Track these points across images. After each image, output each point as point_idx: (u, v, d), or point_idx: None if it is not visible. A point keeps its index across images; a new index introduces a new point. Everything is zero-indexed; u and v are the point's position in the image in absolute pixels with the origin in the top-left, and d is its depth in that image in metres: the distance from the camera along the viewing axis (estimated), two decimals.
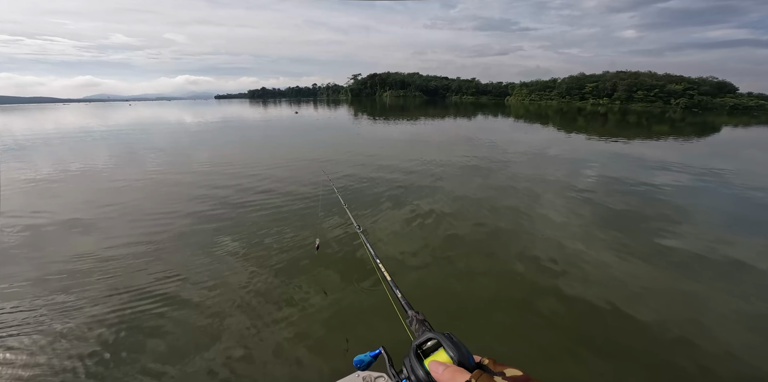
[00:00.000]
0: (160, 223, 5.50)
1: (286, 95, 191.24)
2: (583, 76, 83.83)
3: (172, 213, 5.95)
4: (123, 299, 3.48)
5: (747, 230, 5.47)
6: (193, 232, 5.14)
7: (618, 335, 3.05)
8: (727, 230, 5.45)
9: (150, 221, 5.63)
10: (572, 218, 5.85)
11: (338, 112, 41.78)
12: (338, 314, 3.26)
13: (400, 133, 18.94)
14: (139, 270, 4.03)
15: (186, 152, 12.67)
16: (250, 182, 7.92)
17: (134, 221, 5.65)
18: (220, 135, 18.56)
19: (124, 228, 5.31)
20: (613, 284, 3.84)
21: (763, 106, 62.41)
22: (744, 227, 5.57)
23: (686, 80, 69.39)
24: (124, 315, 3.24)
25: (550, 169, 9.50)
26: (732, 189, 7.90)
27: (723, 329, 3.14)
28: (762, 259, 4.43)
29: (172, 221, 5.59)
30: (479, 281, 3.87)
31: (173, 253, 4.47)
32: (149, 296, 3.52)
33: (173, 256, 4.39)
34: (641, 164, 10.48)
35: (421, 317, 0.71)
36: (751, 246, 4.84)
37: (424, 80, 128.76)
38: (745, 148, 15.77)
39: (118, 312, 3.28)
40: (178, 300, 3.46)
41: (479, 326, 3.17)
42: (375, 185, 7.68)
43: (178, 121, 29.95)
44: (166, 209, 6.20)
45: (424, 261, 4.26)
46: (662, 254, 4.54)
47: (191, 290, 3.63)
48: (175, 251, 4.51)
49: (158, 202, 6.66)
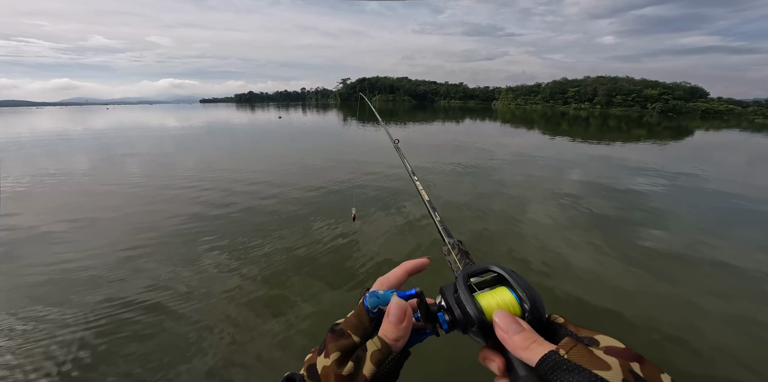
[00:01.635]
0: (140, 229, 5.27)
1: (275, 100, 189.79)
2: (566, 81, 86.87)
3: (150, 222, 5.72)
4: (103, 309, 3.28)
5: (723, 230, 5.69)
6: (177, 237, 4.94)
7: (603, 330, 3.08)
8: (705, 231, 5.65)
9: (129, 227, 5.39)
10: (558, 220, 5.94)
11: (327, 116, 41.70)
12: (325, 321, 3.17)
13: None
14: (118, 280, 3.83)
15: (163, 160, 12.30)
16: (238, 188, 7.73)
17: (106, 230, 5.39)
18: (201, 141, 18.17)
19: (97, 238, 5.06)
20: (599, 285, 3.89)
21: (733, 110, 66.08)
22: (720, 228, 5.79)
23: (661, 85, 72.87)
24: (105, 326, 3.06)
25: (537, 173, 9.69)
26: (707, 192, 8.25)
27: (707, 328, 3.22)
28: (739, 258, 4.61)
29: (153, 228, 5.37)
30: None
31: (154, 262, 4.28)
32: (131, 306, 3.34)
33: (154, 265, 4.20)
34: (623, 167, 10.83)
35: (464, 247, 0.55)
36: (729, 246, 5.03)
37: (412, 85, 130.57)
38: (717, 151, 16.59)
39: (99, 322, 3.09)
40: (160, 310, 3.30)
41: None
42: (368, 190, 7.64)
43: (155, 125, 29.18)
44: (142, 218, 5.95)
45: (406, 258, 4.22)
46: (645, 256, 4.65)
47: (175, 300, 3.47)
48: (157, 261, 4.32)
49: (137, 211, 6.40)
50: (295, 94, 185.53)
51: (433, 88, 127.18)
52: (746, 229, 5.83)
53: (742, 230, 5.79)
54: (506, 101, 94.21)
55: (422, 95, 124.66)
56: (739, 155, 15.07)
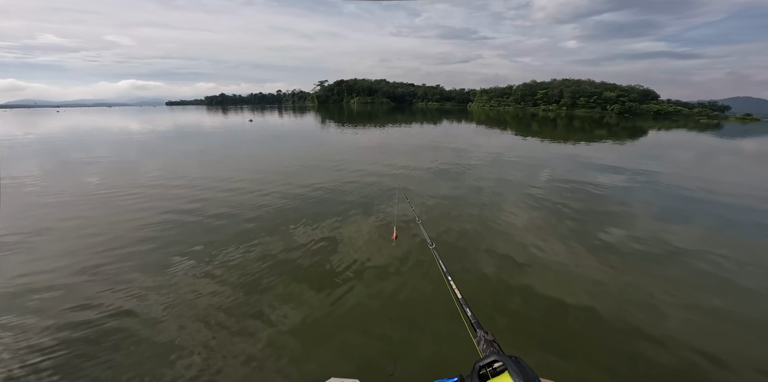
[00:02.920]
0: (107, 239, 4.94)
1: (249, 102, 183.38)
2: (535, 83, 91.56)
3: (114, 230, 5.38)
4: (77, 319, 3.05)
5: (680, 220, 6.34)
6: (146, 245, 4.69)
7: (576, 324, 3.34)
8: (664, 222, 6.25)
9: (93, 237, 5.03)
10: (532, 218, 6.30)
11: (304, 119, 41.03)
12: (312, 327, 3.18)
13: (368, 140, 19.09)
14: (85, 290, 3.58)
15: (127, 167, 11.56)
16: (218, 194, 7.44)
17: (63, 241, 5.01)
18: (165, 145, 17.22)
19: (55, 249, 4.68)
20: (570, 277, 4.20)
21: (681, 111, 72.79)
22: (678, 219, 6.44)
23: (619, 88, 78.83)
24: (73, 334, 2.85)
25: (511, 172, 10.18)
26: (662, 185, 9.08)
27: (669, 313, 3.57)
28: (696, 245, 5.17)
29: (118, 235, 5.05)
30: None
31: (125, 271, 4.04)
32: (104, 314, 3.14)
33: (127, 274, 3.96)
34: (588, 165, 11.65)
35: (490, 337, 0.69)
36: (686, 235, 5.62)
37: (391, 87, 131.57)
38: (668, 149, 18.25)
39: (72, 332, 2.88)
40: (137, 318, 3.13)
41: (453, 327, 3.26)
42: (345, 193, 7.64)
43: (100, 129, 27.23)
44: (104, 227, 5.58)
45: (390, 263, 4.32)
46: (610, 248, 5.06)
47: (151, 308, 3.31)
48: (128, 269, 4.08)
49: (97, 217, 5.98)
50: (271, 97, 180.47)
51: (411, 90, 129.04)
52: (697, 219, 6.51)
53: (694, 219, 6.46)
54: (481, 103, 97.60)
55: (400, 97, 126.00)
56: (688, 153, 16.69)
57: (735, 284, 4.18)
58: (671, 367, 2.87)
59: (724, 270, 4.49)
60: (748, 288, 4.09)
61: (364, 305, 3.60)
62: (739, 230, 5.97)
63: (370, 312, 3.51)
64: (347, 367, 2.82)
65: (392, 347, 3.04)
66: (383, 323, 3.34)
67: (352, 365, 2.84)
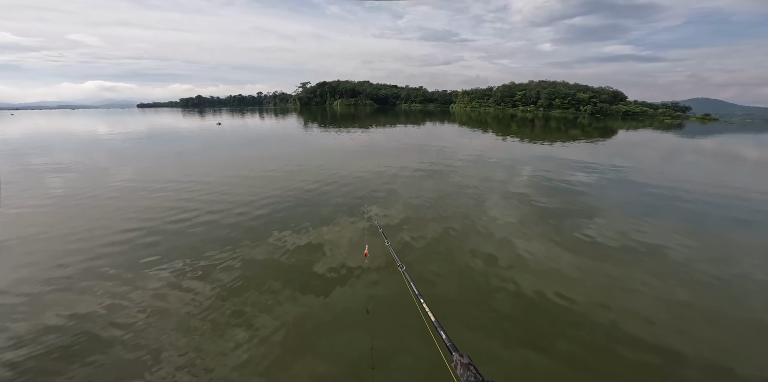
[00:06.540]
0: (75, 247, 4.61)
1: (228, 104, 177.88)
2: (514, 84, 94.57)
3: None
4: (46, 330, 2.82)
5: (651, 215, 6.72)
6: (117, 253, 4.42)
7: (558, 317, 3.48)
8: (635, 217, 6.61)
9: (63, 245, 4.69)
10: (513, 216, 6.49)
11: (287, 121, 40.31)
12: (294, 330, 3.12)
13: (353, 143, 19.01)
14: (55, 304, 3.32)
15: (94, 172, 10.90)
16: (188, 201, 7.15)
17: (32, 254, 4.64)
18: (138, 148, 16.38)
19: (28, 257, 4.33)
20: (550, 273, 4.35)
21: (646, 112, 77.34)
22: (648, 213, 6.83)
23: (590, 90, 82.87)
24: (51, 346, 2.64)
25: (493, 172, 10.46)
26: (633, 183, 9.61)
27: (643, 306, 3.77)
28: (667, 240, 5.50)
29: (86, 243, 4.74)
30: (441, 282, 4.06)
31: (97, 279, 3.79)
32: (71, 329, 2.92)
33: (101, 281, 3.72)
34: (564, 164, 12.14)
35: (466, 360, 0.67)
36: (657, 229, 5.97)
37: (374, 89, 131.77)
38: (636, 148, 19.35)
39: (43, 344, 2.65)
40: (116, 327, 2.94)
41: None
42: (331, 197, 7.56)
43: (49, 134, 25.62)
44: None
45: (379, 265, 4.31)
46: (588, 244, 5.29)
47: (129, 315, 3.13)
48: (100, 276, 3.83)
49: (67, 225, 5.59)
50: (251, 99, 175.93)
51: (394, 92, 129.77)
52: (665, 213, 6.93)
53: (662, 214, 6.87)
54: (462, 104, 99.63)
55: (384, 99, 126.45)
56: (654, 151, 17.75)
57: (702, 273, 4.48)
58: (639, 361, 3.04)
59: (693, 261, 4.80)
60: (716, 277, 4.39)
61: (329, 326, 3.34)
62: (705, 223, 6.41)
63: (339, 332, 3.48)
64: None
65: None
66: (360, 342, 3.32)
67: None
